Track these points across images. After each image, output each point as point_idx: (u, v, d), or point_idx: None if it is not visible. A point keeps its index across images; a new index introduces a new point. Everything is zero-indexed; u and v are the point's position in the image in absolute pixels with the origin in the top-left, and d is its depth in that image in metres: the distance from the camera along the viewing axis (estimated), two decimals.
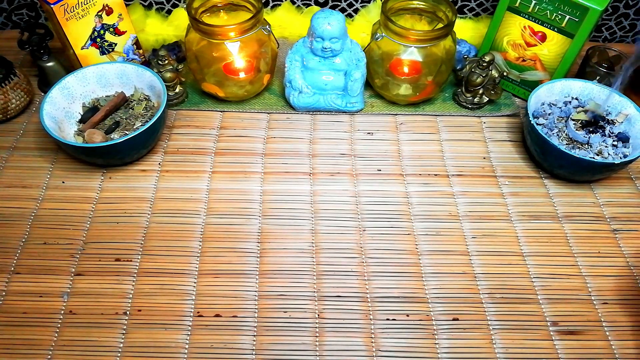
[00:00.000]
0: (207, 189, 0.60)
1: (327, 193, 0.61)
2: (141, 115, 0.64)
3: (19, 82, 0.66)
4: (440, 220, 0.58)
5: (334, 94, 0.68)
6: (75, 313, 0.50)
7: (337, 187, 0.61)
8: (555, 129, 0.63)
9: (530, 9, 0.63)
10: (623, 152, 0.60)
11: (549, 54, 0.66)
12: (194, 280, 0.52)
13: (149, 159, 0.63)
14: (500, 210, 0.59)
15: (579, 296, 0.53)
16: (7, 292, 0.51)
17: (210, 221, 0.57)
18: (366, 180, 0.62)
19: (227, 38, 0.62)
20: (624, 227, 0.58)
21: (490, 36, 0.69)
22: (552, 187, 0.62)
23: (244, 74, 0.68)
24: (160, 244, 0.55)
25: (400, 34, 0.62)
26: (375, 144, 0.66)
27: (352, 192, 0.61)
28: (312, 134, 0.67)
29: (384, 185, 0.62)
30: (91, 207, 0.58)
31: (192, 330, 0.49)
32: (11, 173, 0.62)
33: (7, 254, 0.54)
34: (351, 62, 0.66)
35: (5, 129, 0.67)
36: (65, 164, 0.63)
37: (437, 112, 0.70)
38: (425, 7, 0.67)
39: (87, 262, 0.53)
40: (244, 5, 0.67)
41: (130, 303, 0.50)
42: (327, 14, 0.62)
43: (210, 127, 0.68)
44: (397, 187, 0.61)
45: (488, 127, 0.69)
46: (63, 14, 0.61)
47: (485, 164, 0.64)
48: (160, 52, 0.65)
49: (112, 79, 0.65)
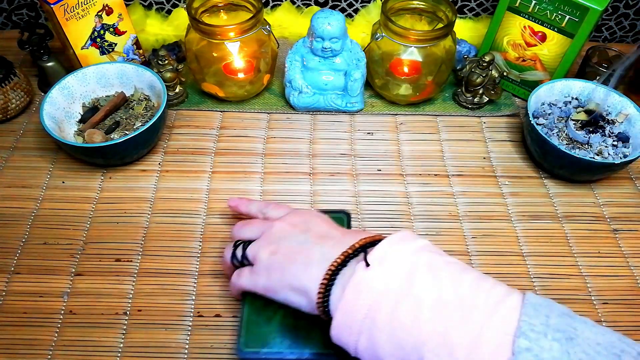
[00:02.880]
0: (207, 189, 0.60)
1: (327, 193, 0.61)
2: (141, 115, 0.64)
3: (19, 82, 0.66)
4: (440, 220, 0.58)
5: (334, 94, 0.68)
6: (75, 313, 0.50)
7: (337, 187, 0.61)
8: (555, 129, 0.63)
9: (530, 9, 0.63)
10: (623, 152, 0.60)
11: (549, 54, 0.66)
12: (194, 280, 0.52)
13: (149, 159, 0.63)
14: (500, 210, 0.59)
15: (579, 296, 0.53)
16: (7, 292, 0.51)
17: (210, 221, 0.57)
18: (366, 180, 0.62)
19: (227, 38, 0.62)
20: (624, 227, 0.58)
21: (490, 36, 0.69)
22: (552, 187, 0.62)
23: (244, 74, 0.68)
24: (160, 244, 0.55)
25: (400, 34, 0.62)
26: (375, 144, 0.66)
27: (352, 192, 0.61)
28: (312, 134, 0.67)
29: (384, 185, 0.62)
30: (91, 207, 0.58)
31: (192, 330, 0.49)
32: (11, 173, 0.62)
33: (7, 254, 0.54)
34: (351, 62, 0.66)
35: (5, 129, 0.67)
36: (65, 164, 0.63)
37: (437, 112, 0.70)
38: (425, 7, 0.68)
39: (87, 262, 0.53)
40: (244, 5, 0.67)
41: (130, 303, 0.50)
42: (327, 14, 0.62)
43: (210, 127, 0.68)
44: (397, 187, 0.61)
45: (488, 127, 0.69)
46: (63, 14, 0.61)
47: (485, 164, 0.65)
48: (160, 52, 0.65)
49: (112, 79, 0.65)
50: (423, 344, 0.33)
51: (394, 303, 0.34)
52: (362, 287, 0.35)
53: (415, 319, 0.34)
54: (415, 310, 0.34)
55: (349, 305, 0.35)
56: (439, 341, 0.33)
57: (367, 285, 0.35)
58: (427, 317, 0.33)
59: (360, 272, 0.36)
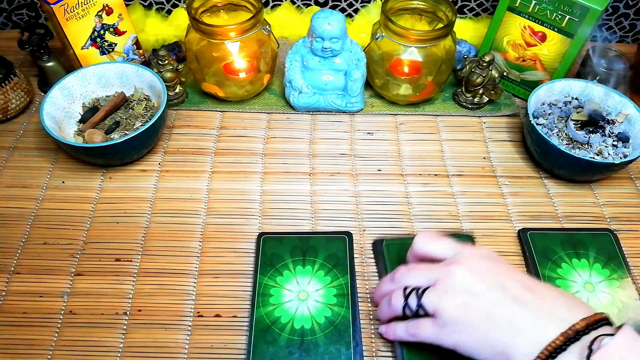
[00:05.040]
0: (207, 189, 0.60)
1: (327, 193, 0.61)
2: (141, 115, 0.64)
3: (19, 82, 0.66)
4: (440, 220, 0.58)
5: (334, 94, 0.68)
6: (75, 313, 0.50)
7: (337, 187, 0.61)
8: (555, 129, 0.63)
9: (530, 9, 0.63)
10: (623, 152, 0.60)
11: (549, 54, 0.66)
12: (194, 280, 0.52)
13: (149, 159, 0.63)
14: (500, 210, 0.59)
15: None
16: (7, 292, 0.51)
17: (210, 221, 0.57)
18: (366, 180, 0.62)
19: (227, 38, 0.62)
20: (624, 227, 0.58)
21: (490, 36, 0.69)
22: (552, 187, 0.62)
23: (244, 74, 0.68)
24: (160, 244, 0.55)
25: (400, 34, 0.62)
26: (375, 144, 0.66)
27: (352, 192, 0.61)
28: (312, 134, 0.67)
29: (384, 185, 0.62)
30: (91, 207, 0.58)
31: (192, 330, 0.49)
32: (11, 173, 0.62)
33: (7, 254, 0.54)
34: (351, 62, 0.66)
35: (5, 129, 0.67)
36: (65, 164, 0.63)
37: (437, 112, 0.70)
38: (425, 7, 0.68)
39: (87, 262, 0.53)
40: (244, 5, 0.67)
41: (130, 303, 0.50)
42: (327, 14, 0.62)
43: (210, 127, 0.68)
44: (397, 187, 0.61)
45: (488, 127, 0.69)
46: (63, 14, 0.61)
47: (485, 164, 0.65)
48: (160, 52, 0.65)
49: (112, 79, 0.65)
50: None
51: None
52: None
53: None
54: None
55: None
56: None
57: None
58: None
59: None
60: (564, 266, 0.53)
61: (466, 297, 0.39)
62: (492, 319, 0.38)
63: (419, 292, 0.41)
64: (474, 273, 0.40)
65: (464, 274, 0.40)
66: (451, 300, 0.39)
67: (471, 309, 0.38)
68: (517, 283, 0.39)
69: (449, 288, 0.39)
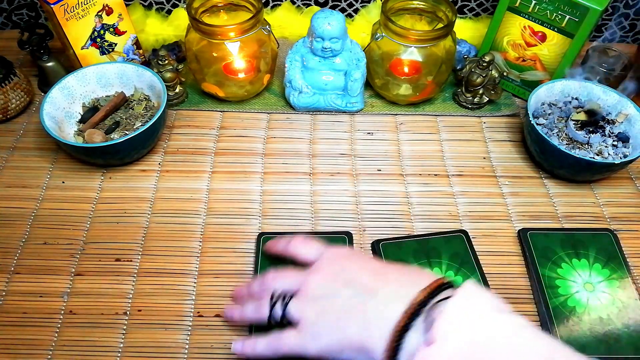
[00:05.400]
0: (207, 189, 0.60)
1: (327, 193, 0.61)
2: (141, 115, 0.64)
3: (19, 82, 0.66)
4: (440, 220, 0.58)
5: (334, 94, 0.68)
6: (75, 313, 0.50)
7: (337, 187, 0.61)
8: (555, 129, 0.63)
9: (530, 9, 0.63)
10: (623, 152, 0.60)
11: (549, 54, 0.66)
12: (194, 280, 0.52)
13: (149, 159, 0.63)
14: (500, 210, 0.59)
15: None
16: (7, 292, 0.51)
17: (210, 221, 0.57)
18: (366, 180, 0.62)
19: (227, 38, 0.62)
20: (624, 227, 0.58)
21: (490, 36, 0.69)
22: (552, 187, 0.62)
23: (244, 74, 0.68)
24: (160, 244, 0.55)
25: (400, 34, 0.62)
26: (375, 144, 0.66)
27: (352, 192, 0.61)
28: (312, 134, 0.67)
29: (384, 185, 0.62)
30: (91, 207, 0.58)
31: (192, 330, 0.49)
32: (11, 173, 0.62)
33: (7, 254, 0.54)
34: (351, 62, 0.66)
35: (5, 129, 0.67)
36: (65, 164, 0.63)
37: (437, 112, 0.70)
38: (425, 7, 0.68)
39: (87, 262, 0.53)
40: (244, 5, 0.67)
41: (130, 303, 0.50)
42: (327, 14, 0.62)
43: (210, 127, 0.68)
44: (397, 187, 0.61)
45: (488, 127, 0.69)
46: (63, 14, 0.61)
47: (485, 164, 0.65)
48: (160, 52, 0.65)
49: (112, 79, 0.65)
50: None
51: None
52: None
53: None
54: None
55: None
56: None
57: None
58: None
59: (424, 352, 0.32)
60: (564, 266, 0.53)
61: (322, 302, 0.39)
62: (348, 316, 0.38)
63: (283, 301, 0.41)
64: (328, 276, 0.41)
65: (319, 280, 0.41)
66: (311, 307, 0.40)
67: (328, 311, 0.39)
68: (367, 273, 0.40)
69: (308, 296, 0.40)
